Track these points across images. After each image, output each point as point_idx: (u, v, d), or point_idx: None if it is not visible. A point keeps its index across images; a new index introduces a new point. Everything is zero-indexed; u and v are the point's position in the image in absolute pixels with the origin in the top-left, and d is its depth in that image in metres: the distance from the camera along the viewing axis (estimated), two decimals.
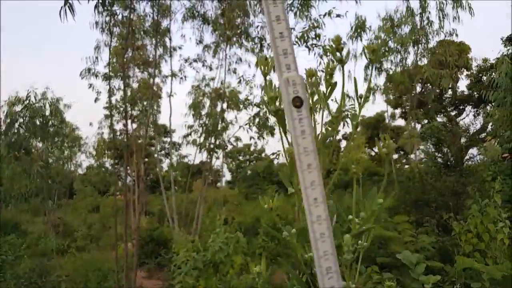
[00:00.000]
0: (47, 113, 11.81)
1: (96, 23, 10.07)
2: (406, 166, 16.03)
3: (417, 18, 12.30)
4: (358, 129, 0.66)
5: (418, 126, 16.95)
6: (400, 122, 21.58)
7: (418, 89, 15.33)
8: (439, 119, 17.56)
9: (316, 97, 0.70)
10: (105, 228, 14.36)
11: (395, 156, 20.91)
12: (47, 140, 12.19)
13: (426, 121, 17.41)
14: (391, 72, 12.69)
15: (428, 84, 15.46)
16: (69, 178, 15.87)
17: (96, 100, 11.44)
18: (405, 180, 10.66)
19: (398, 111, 19.54)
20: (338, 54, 0.66)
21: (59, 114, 12.44)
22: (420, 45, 12.78)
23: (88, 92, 11.14)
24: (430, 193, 8.23)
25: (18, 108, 11.44)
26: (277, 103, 0.64)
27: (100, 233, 13.90)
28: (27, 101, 11.16)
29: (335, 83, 0.68)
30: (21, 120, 11.22)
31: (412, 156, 14.96)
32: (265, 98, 0.65)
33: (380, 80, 13.70)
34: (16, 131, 11.23)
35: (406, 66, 12.86)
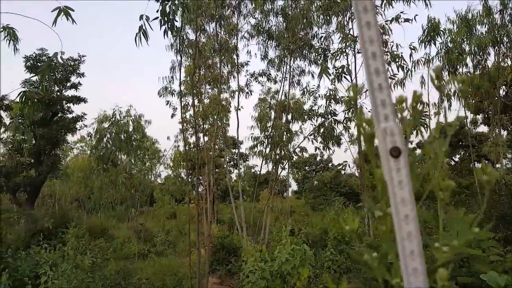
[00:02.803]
0: (130, 128, 13.04)
1: (171, 45, 10.99)
2: None
3: (497, 16, 11.41)
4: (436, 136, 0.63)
5: (504, 133, 15.53)
6: (483, 128, 19.93)
7: (502, 92, 14.08)
8: None
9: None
10: (181, 235, 15.21)
11: (478, 165, 19.30)
12: (131, 153, 13.41)
13: None
14: (468, 76, 11.86)
15: None
16: (150, 187, 17.17)
17: (172, 115, 12.35)
18: (490, 193, 9.78)
19: (480, 117, 18.07)
20: (436, 82, 0.65)
21: (141, 129, 13.67)
22: (501, 45, 11.79)
23: (166, 109, 12.09)
24: None
25: (105, 125, 12.81)
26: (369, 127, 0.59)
27: (177, 239, 14.76)
28: (113, 119, 12.44)
29: (421, 110, 0.66)
30: (108, 135, 12.53)
31: (498, 165, 13.72)
32: (358, 123, 0.60)
33: (456, 85, 12.81)
34: (104, 145, 12.56)
35: (486, 69, 11.92)
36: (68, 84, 18.24)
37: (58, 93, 17.95)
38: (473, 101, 14.22)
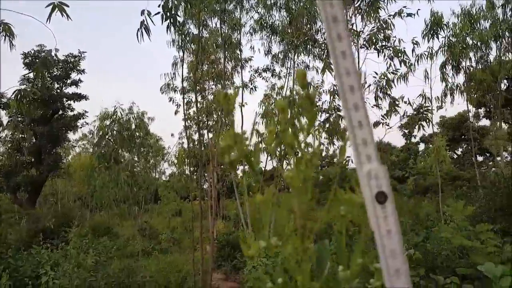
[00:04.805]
0: (133, 126, 12.91)
1: (173, 41, 10.89)
2: (493, 169, 14.78)
3: (499, 11, 11.42)
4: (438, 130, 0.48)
5: (505, 126, 15.58)
6: (485, 122, 20.03)
7: (503, 86, 14.10)
8: None
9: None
10: (187, 232, 15.17)
11: (480, 158, 19.39)
12: (134, 151, 13.29)
13: None
14: (471, 70, 11.88)
15: None
16: (154, 185, 17.07)
17: (176, 112, 12.29)
18: (490, 186, 9.87)
19: (482, 111, 18.14)
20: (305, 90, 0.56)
21: (144, 126, 13.54)
22: (503, 40, 11.81)
23: (169, 105, 12.02)
24: None
25: (107, 122, 12.68)
26: (230, 152, 0.50)
27: (182, 236, 14.71)
28: (115, 116, 12.32)
29: (315, 112, 0.57)
30: (110, 133, 12.41)
31: (499, 159, 13.76)
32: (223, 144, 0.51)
33: (459, 79, 12.86)
34: (106, 143, 12.45)
35: (488, 63, 11.95)
36: (69, 81, 18.10)
37: (58, 91, 17.81)
38: (476, 95, 14.24)
